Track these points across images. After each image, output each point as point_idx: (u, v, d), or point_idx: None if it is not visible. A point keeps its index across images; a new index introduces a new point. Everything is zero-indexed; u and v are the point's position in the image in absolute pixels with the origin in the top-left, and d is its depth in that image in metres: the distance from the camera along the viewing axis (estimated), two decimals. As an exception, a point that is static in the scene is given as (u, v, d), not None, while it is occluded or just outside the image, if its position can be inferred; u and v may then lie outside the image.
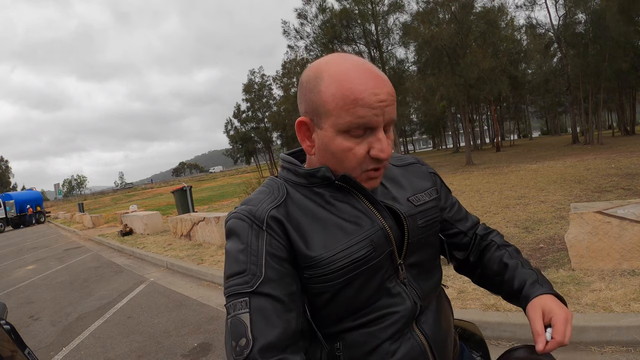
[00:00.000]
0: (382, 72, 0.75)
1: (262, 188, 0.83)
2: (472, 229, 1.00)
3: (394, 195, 0.85)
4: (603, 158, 13.78)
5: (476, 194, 9.77)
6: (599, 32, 20.74)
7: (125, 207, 29.20)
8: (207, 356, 3.38)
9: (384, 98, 0.70)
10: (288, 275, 0.72)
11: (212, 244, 7.93)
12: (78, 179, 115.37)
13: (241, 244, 0.73)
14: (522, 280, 0.87)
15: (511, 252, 0.95)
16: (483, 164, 19.74)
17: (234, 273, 0.72)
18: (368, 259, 0.75)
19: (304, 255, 0.73)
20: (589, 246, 3.57)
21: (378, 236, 0.77)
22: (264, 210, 0.75)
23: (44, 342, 4.27)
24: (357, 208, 0.78)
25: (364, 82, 0.70)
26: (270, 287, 0.69)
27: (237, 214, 0.77)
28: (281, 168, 0.86)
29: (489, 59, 20.34)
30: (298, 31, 27.76)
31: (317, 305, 0.76)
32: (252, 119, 49.98)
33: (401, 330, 0.77)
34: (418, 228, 0.83)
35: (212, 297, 5.04)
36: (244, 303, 0.68)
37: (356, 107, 0.69)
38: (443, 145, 72.97)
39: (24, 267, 10.00)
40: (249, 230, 0.73)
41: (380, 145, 0.72)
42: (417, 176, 0.93)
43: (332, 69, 0.72)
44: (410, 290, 0.80)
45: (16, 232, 26.27)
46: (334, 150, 0.73)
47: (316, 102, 0.73)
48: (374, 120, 0.70)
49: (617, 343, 2.53)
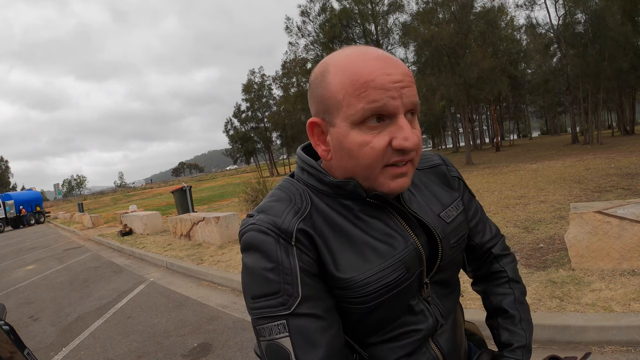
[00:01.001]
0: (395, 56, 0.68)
1: (281, 193, 0.72)
2: (489, 242, 0.93)
3: (422, 206, 0.78)
4: (603, 158, 13.78)
5: (476, 193, 9.75)
6: (599, 32, 20.76)
7: (124, 207, 29.19)
8: (206, 356, 3.38)
9: (400, 79, 0.62)
10: (323, 289, 0.67)
11: (211, 244, 7.93)
12: (78, 179, 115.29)
13: (269, 263, 0.64)
14: (511, 340, 0.85)
15: (518, 297, 0.89)
16: (483, 164, 19.74)
17: (265, 294, 0.64)
18: (400, 282, 0.69)
19: (333, 276, 0.67)
20: (588, 246, 3.57)
21: (411, 256, 0.71)
22: (291, 223, 0.66)
23: (44, 342, 4.27)
24: (390, 225, 0.71)
25: (373, 64, 0.62)
26: (309, 306, 0.63)
27: (257, 226, 0.66)
28: (299, 169, 0.76)
29: (489, 59, 20.37)
30: (300, 28, 27.79)
31: (344, 323, 0.71)
32: (252, 118, 50.04)
33: (418, 346, 0.75)
34: (450, 248, 0.78)
35: (212, 297, 5.04)
36: (281, 326, 0.62)
37: (367, 91, 0.61)
38: (443, 145, 72.91)
39: (23, 267, 9.99)
40: (276, 245, 0.64)
41: (403, 133, 0.62)
42: (443, 184, 0.85)
43: (337, 59, 0.66)
44: (434, 309, 0.76)
45: (16, 232, 26.25)
46: (348, 147, 0.64)
47: (325, 97, 0.66)
48: (391, 104, 0.62)
49: (617, 343, 2.53)
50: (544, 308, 3.00)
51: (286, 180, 0.76)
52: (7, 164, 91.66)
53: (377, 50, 0.65)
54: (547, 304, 3.05)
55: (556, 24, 23.93)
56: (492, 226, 0.95)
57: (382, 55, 0.64)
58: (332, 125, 0.66)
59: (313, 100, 0.69)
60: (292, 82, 39.30)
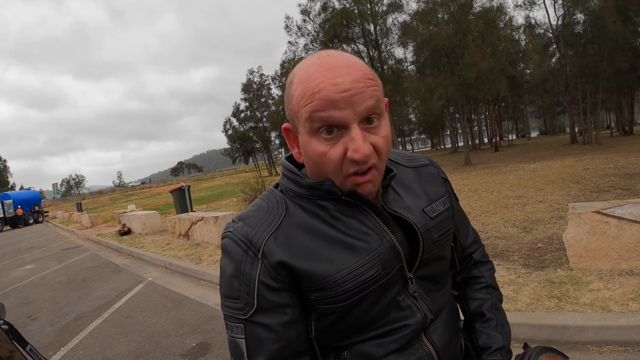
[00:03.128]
0: (355, 58, 0.67)
1: (262, 203, 0.77)
2: (471, 247, 0.96)
3: (407, 204, 0.79)
4: (601, 158, 13.82)
5: (474, 193, 9.78)
6: (598, 32, 20.79)
7: (123, 206, 29.15)
8: (205, 356, 3.38)
9: (348, 87, 0.62)
10: (282, 305, 0.70)
11: (210, 244, 7.92)
12: (76, 179, 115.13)
13: (235, 271, 0.70)
14: (489, 343, 0.87)
15: (494, 302, 0.92)
16: (481, 164, 19.77)
17: (229, 296, 0.72)
18: (378, 278, 0.71)
19: (310, 278, 0.69)
20: (587, 246, 3.57)
21: (387, 253, 0.72)
22: (261, 236, 0.71)
23: (42, 342, 4.26)
24: (365, 224, 0.73)
25: (322, 74, 0.63)
26: (263, 317, 0.69)
27: (233, 235, 0.73)
28: (282, 176, 0.80)
29: (488, 59, 20.40)
30: (300, 28, 27.75)
31: (326, 323, 0.74)
32: (251, 118, 49.98)
33: (410, 341, 0.76)
34: (433, 242, 0.79)
35: (211, 296, 5.03)
36: (239, 329, 0.70)
37: (313, 102, 0.63)
38: (441, 145, 73.02)
39: (22, 266, 9.98)
40: (244, 257, 0.70)
41: (353, 144, 0.63)
42: (430, 181, 0.86)
43: (300, 69, 0.68)
44: (421, 304, 0.77)
45: (14, 231, 26.21)
46: (311, 155, 0.68)
47: (289, 107, 0.69)
48: (337, 116, 0.62)
49: (616, 343, 2.54)
50: (542, 308, 3.01)
51: (268, 191, 0.81)
52: (5, 163, 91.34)
53: (335, 57, 0.65)
54: (546, 304, 3.05)
55: (555, 24, 23.98)
56: (474, 231, 0.99)
57: (335, 64, 0.64)
58: (298, 132, 0.70)
59: (285, 106, 0.72)
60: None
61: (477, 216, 6.89)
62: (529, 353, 0.81)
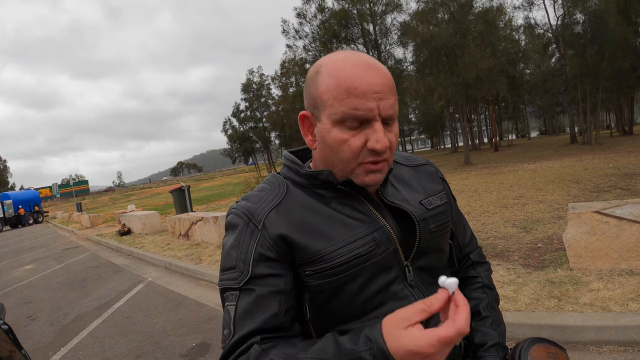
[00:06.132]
0: (382, 65, 0.74)
1: (264, 185, 0.84)
2: (468, 246, 0.99)
3: (404, 196, 0.84)
4: (601, 158, 13.82)
5: (474, 193, 9.78)
6: (598, 32, 20.80)
7: (123, 206, 29.13)
8: (205, 356, 3.37)
9: (379, 89, 0.70)
10: (275, 275, 0.73)
11: (210, 244, 7.92)
12: (77, 179, 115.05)
13: (235, 241, 0.75)
14: (484, 340, 0.88)
15: (490, 302, 0.94)
16: (481, 164, 19.77)
17: (226, 268, 0.75)
18: (371, 255, 0.75)
19: (306, 251, 0.73)
20: (587, 246, 3.57)
21: (380, 234, 0.76)
22: (263, 209, 0.76)
23: (42, 342, 4.26)
24: (359, 210, 0.78)
25: (357, 72, 0.70)
26: (255, 285, 0.72)
27: (237, 210, 0.79)
28: (283, 166, 0.86)
29: (487, 59, 20.40)
30: (297, 31, 27.76)
31: (320, 301, 0.76)
32: (251, 118, 49.92)
33: None
34: (430, 232, 0.82)
35: (211, 296, 5.03)
36: (233, 296, 0.73)
37: (350, 97, 0.69)
38: (441, 145, 73.05)
39: (22, 266, 9.97)
40: (245, 227, 0.75)
41: (375, 136, 0.70)
42: (428, 178, 0.91)
43: (329, 62, 0.74)
44: (419, 295, 0.79)
45: (14, 231, 26.18)
46: (330, 142, 0.73)
47: (314, 95, 0.74)
48: (368, 112, 0.69)
49: (615, 343, 2.54)
50: (542, 308, 3.01)
51: (271, 175, 0.88)
52: (5, 163, 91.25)
53: (365, 57, 0.73)
54: (545, 304, 3.05)
55: (555, 24, 23.98)
56: (471, 232, 1.02)
57: (367, 64, 0.71)
58: (319, 120, 0.75)
59: (306, 95, 0.78)
60: (291, 81, 39.25)
61: (477, 216, 6.89)
62: (520, 345, 0.81)
